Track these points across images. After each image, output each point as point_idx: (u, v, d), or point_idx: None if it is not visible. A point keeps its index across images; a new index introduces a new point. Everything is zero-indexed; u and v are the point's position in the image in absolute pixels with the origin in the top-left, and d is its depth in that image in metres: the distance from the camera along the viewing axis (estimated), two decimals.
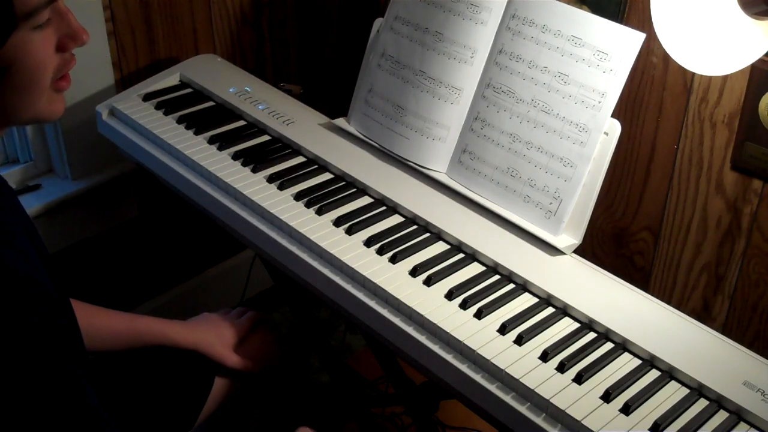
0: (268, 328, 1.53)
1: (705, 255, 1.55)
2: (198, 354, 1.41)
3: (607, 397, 1.10)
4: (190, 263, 2.18)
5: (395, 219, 1.42)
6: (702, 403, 1.12)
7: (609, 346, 1.20)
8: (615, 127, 1.32)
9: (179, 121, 1.64)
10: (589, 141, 1.33)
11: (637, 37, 1.29)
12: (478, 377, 1.15)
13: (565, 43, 1.35)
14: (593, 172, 1.33)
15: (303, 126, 1.63)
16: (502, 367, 1.13)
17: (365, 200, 1.46)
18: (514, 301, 1.26)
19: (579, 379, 1.13)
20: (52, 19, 0.92)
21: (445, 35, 1.48)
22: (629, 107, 1.55)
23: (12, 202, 1.05)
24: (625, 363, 1.17)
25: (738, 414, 1.10)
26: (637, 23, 1.48)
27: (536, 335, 1.20)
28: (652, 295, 1.28)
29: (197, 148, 1.56)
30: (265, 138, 1.62)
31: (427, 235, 1.38)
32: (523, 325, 1.21)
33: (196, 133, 1.60)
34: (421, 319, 1.21)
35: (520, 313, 1.23)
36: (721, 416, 1.10)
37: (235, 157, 1.54)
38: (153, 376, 1.40)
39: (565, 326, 1.23)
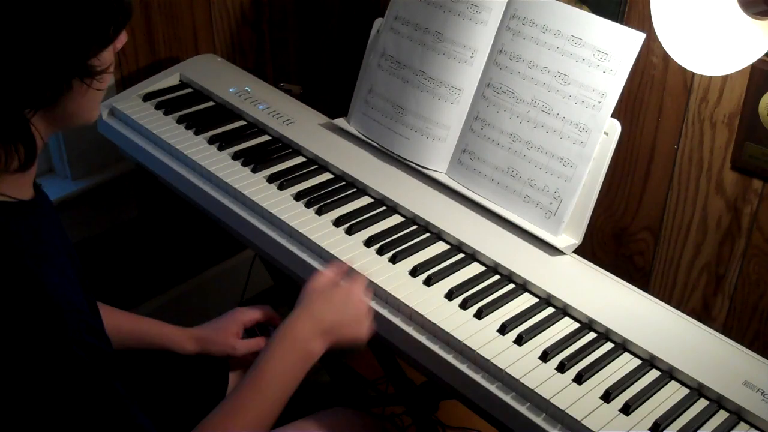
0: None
1: (705, 255, 1.55)
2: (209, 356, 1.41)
3: (607, 397, 1.10)
4: (190, 263, 2.18)
5: (395, 219, 1.42)
6: (702, 403, 1.12)
7: (609, 346, 1.20)
8: (615, 127, 1.32)
9: (179, 121, 1.64)
10: (589, 141, 1.33)
11: (637, 37, 1.29)
12: (478, 377, 1.15)
13: (565, 43, 1.35)
14: (593, 172, 1.33)
15: (303, 126, 1.63)
16: (502, 367, 1.13)
17: (365, 200, 1.46)
18: (514, 301, 1.26)
19: (579, 379, 1.13)
20: None
21: (445, 35, 1.48)
22: (629, 107, 1.55)
23: (56, 221, 1.04)
24: (625, 363, 1.17)
25: (738, 414, 1.10)
26: (637, 23, 1.48)
27: (536, 335, 1.20)
28: (652, 295, 1.28)
29: (197, 148, 1.56)
30: (265, 138, 1.62)
31: (427, 235, 1.38)
32: (523, 325, 1.21)
33: (196, 133, 1.60)
34: (421, 319, 1.21)
35: (520, 313, 1.23)
36: (721, 416, 1.10)
37: (235, 157, 1.54)
38: (168, 378, 1.40)
39: (565, 326, 1.23)
